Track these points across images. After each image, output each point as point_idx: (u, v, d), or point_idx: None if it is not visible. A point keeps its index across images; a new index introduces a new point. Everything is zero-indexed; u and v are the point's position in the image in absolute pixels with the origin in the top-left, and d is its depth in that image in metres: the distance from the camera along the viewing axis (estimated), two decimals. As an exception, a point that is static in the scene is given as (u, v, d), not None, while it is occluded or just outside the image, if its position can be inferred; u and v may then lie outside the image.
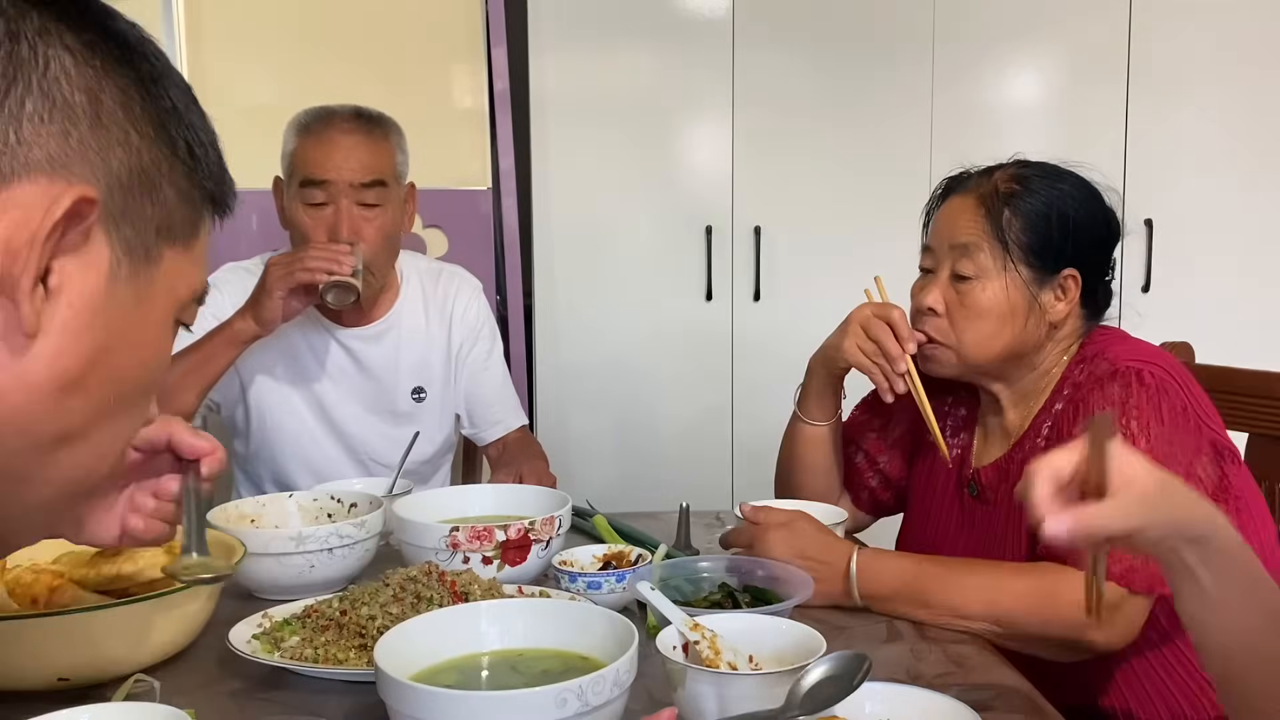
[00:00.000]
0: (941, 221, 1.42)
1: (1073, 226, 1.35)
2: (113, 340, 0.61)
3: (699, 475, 2.97)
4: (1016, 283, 1.35)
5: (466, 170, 2.70)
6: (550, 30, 2.86)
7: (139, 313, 0.63)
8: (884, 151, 2.95)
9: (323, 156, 1.72)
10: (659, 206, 2.95)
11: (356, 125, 1.76)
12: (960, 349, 1.38)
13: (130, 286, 0.61)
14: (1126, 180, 2.92)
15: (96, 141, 0.59)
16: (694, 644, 0.99)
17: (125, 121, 0.60)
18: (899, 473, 1.60)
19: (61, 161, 0.57)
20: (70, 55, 0.58)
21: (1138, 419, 1.22)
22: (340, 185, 1.72)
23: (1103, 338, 1.39)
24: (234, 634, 1.12)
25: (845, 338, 1.47)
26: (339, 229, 1.72)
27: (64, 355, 0.59)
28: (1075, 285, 1.36)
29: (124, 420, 0.66)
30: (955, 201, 1.41)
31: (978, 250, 1.35)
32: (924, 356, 1.42)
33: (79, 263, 0.58)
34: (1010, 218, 1.35)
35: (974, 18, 2.93)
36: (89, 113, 0.58)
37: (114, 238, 0.60)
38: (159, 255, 0.63)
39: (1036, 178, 1.37)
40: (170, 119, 0.63)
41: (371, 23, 2.65)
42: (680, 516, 1.54)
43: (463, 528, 1.29)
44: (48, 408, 0.59)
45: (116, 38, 0.61)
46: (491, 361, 1.99)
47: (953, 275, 1.38)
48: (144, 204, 0.61)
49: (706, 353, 3.00)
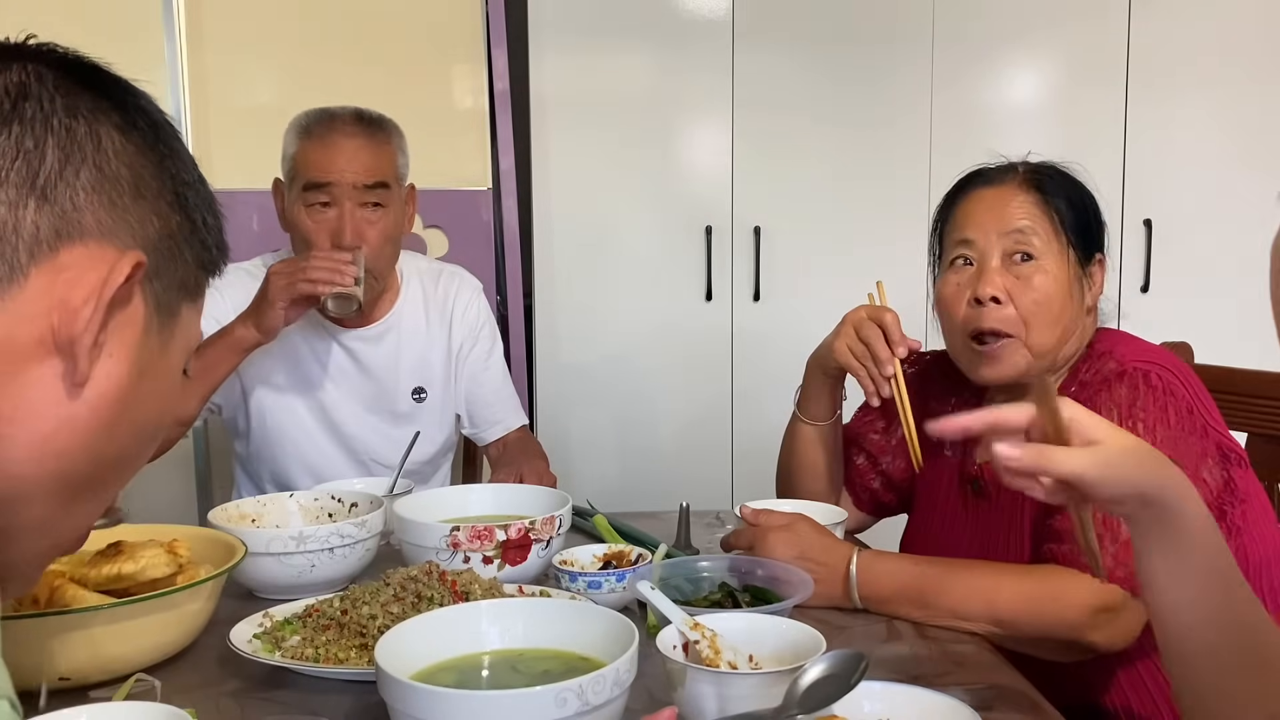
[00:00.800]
0: (980, 211, 1.38)
1: (1094, 214, 1.38)
2: (143, 388, 0.67)
3: (699, 475, 2.97)
4: (1071, 261, 1.36)
5: (466, 170, 2.70)
6: (550, 30, 2.86)
7: (163, 363, 0.69)
8: (884, 152, 2.95)
9: (326, 159, 1.72)
10: (659, 206, 2.95)
11: (358, 128, 1.76)
12: (1029, 338, 1.33)
13: (159, 339, 0.68)
14: (1126, 180, 2.92)
15: (137, 210, 0.66)
16: (694, 643, 0.99)
17: (158, 192, 0.67)
18: (902, 474, 1.59)
19: (109, 228, 0.64)
20: (118, 133, 0.65)
21: (1144, 420, 1.22)
22: (343, 187, 1.72)
23: (1109, 337, 1.39)
24: (234, 634, 1.12)
25: (837, 338, 1.47)
26: (342, 232, 1.72)
27: (106, 401, 0.65)
28: (1102, 271, 1.38)
29: (131, 468, 0.71)
30: (989, 193, 1.38)
31: (1033, 233, 1.34)
32: (993, 359, 1.35)
33: (122, 319, 0.65)
34: (1058, 203, 1.36)
35: (974, 18, 2.93)
36: (131, 184, 0.65)
37: (149, 296, 0.67)
38: (179, 311, 0.70)
39: (1057, 171, 1.40)
40: (189, 191, 0.70)
41: (371, 23, 2.65)
42: (680, 516, 1.54)
43: (463, 527, 1.29)
44: (87, 453, 0.65)
45: (146, 116, 0.68)
46: (492, 361, 1.99)
47: (1008, 260, 1.35)
48: (171, 266, 0.68)
49: (706, 353, 3.00)
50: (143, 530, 1.27)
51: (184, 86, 2.54)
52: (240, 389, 1.85)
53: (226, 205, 0.76)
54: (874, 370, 1.42)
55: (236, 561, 1.19)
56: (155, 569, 1.15)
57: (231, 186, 2.53)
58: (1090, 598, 1.18)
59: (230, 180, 2.26)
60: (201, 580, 1.13)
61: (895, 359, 1.41)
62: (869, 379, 1.43)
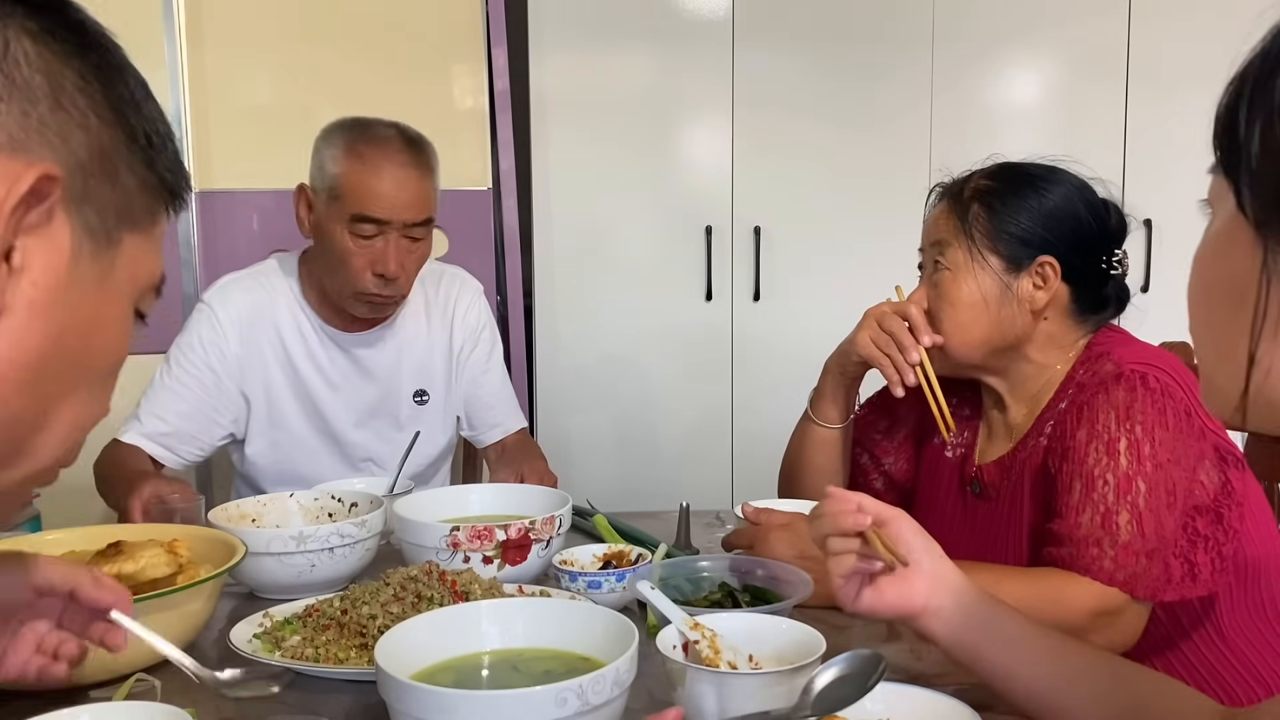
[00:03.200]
0: (926, 224, 1.47)
1: (1044, 215, 1.37)
2: (75, 321, 0.61)
3: (699, 475, 2.97)
4: (988, 272, 1.37)
5: (467, 170, 2.70)
6: (550, 30, 2.86)
7: (100, 295, 0.63)
8: (884, 151, 2.95)
9: (378, 192, 1.69)
10: (659, 206, 2.95)
11: (408, 155, 1.72)
12: (946, 343, 1.40)
13: (92, 268, 0.62)
14: (1126, 180, 2.92)
15: (56, 123, 0.59)
16: (694, 643, 0.99)
17: (85, 106, 0.61)
18: (904, 474, 1.60)
19: (20, 142, 0.57)
20: (30, 38, 0.58)
21: (1142, 424, 1.22)
22: (395, 223, 1.71)
23: (1108, 339, 1.39)
24: (235, 634, 1.13)
25: (859, 331, 1.48)
26: (387, 263, 1.71)
27: (30, 334, 0.59)
28: (1054, 272, 1.36)
29: (83, 408, 0.66)
30: (937, 205, 1.46)
31: (947, 245, 1.39)
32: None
33: (42, 243, 0.59)
34: (978, 211, 1.38)
35: (974, 18, 2.93)
36: (48, 95, 0.59)
37: (75, 219, 0.60)
38: (119, 239, 0.64)
39: (1010, 175, 1.40)
40: (129, 108, 0.63)
41: (372, 23, 2.65)
42: (680, 516, 1.54)
43: (463, 527, 1.29)
44: (12, 388, 0.60)
45: (75, 26, 0.62)
46: (491, 364, 1.99)
47: (932, 271, 1.42)
48: (104, 187, 0.62)
49: (706, 353, 3.00)
50: (143, 530, 1.28)
51: (184, 86, 2.53)
52: (244, 400, 1.84)
53: (226, 205, 0.74)
54: (898, 359, 1.43)
55: (236, 561, 1.19)
56: (155, 569, 1.15)
57: (231, 186, 2.54)
58: (1090, 600, 1.18)
59: (230, 180, 2.25)
60: (201, 580, 1.13)
61: (921, 348, 1.42)
62: (892, 368, 1.44)
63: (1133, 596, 1.19)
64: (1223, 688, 1.28)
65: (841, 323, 1.60)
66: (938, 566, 0.98)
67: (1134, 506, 1.20)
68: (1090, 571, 1.19)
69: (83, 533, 1.27)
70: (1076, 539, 1.21)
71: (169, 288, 2.59)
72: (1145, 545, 1.19)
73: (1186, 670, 1.29)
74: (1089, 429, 1.25)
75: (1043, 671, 0.93)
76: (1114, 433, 1.23)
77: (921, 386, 1.44)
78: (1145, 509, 1.19)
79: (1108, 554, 1.19)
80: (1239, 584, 1.29)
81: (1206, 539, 1.22)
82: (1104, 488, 1.21)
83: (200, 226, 2.58)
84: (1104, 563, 1.19)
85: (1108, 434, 1.23)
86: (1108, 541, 1.19)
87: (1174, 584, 1.20)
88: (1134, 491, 1.20)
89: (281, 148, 1.79)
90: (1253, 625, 1.30)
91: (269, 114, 2.63)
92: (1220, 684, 1.28)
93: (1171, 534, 1.20)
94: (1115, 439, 1.22)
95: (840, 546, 0.99)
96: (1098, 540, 1.20)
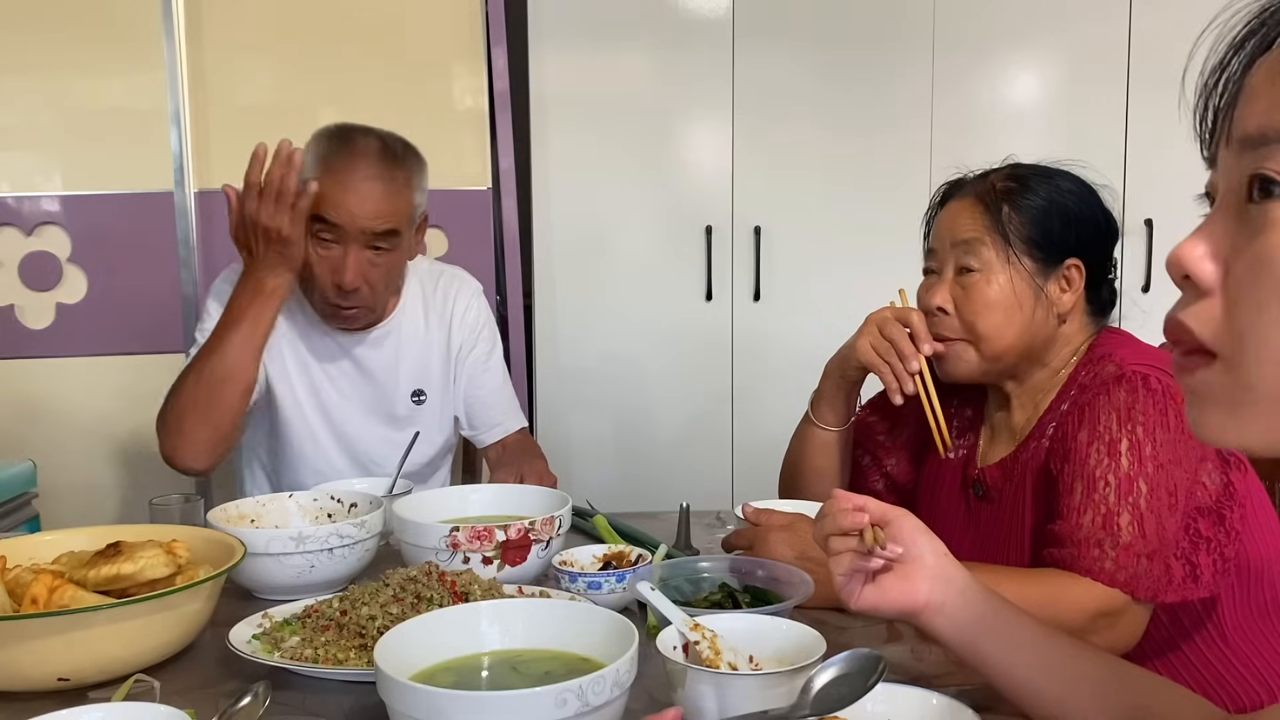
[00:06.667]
0: (943, 223, 1.44)
1: (1072, 218, 1.37)
2: None
3: (699, 475, 2.97)
4: (1021, 274, 1.36)
5: (466, 170, 2.70)
6: (550, 30, 2.86)
7: None
8: (884, 152, 2.95)
9: (337, 199, 1.69)
10: (659, 206, 2.95)
11: (379, 169, 1.72)
12: (977, 343, 1.38)
13: None
14: (1126, 180, 2.92)
15: None
16: (694, 644, 0.99)
17: None
18: (906, 476, 1.59)
19: None
20: None
21: (1144, 425, 1.22)
22: (353, 232, 1.71)
23: (1111, 340, 1.39)
24: (234, 634, 1.12)
25: (860, 336, 1.48)
26: (343, 273, 1.71)
27: None
28: (1079, 275, 1.37)
29: None
30: (954, 204, 1.43)
31: (980, 245, 1.37)
32: (943, 358, 1.42)
33: None
34: (1009, 212, 1.37)
35: (974, 19, 2.93)
36: None
37: None
38: None
39: (1032, 175, 1.40)
40: None
41: (371, 23, 2.65)
42: (680, 516, 1.54)
43: (463, 528, 1.29)
44: None
45: None
46: (491, 364, 1.99)
47: (957, 271, 1.39)
48: None
49: (706, 353, 3.00)
50: (142, 530, 1.28)
51: (183, 85, 2.53)
52: (266, 378, 1.84)
53: (226, 205, 0.73)
54: (898, 367, 1.43)
55: (236, 562, 1.19)
56: (154, 569, 1.15)
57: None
58: (1091, 602, 1.18)
59: (230, 180, 2.26)
60: (200, 581, 1.13)
61: (921, 355, 1.41)
62: (892, 376, 1.43)
63: (1134, 598, 1.19)
64: (1224, 689, 1.28)
65: (841, 323, 1.60)
66: (941, 563, 0.97)
67: (1135, 508, 1.19)
68: (1091, 573, 1.19)
69: (83, 533, 1.27)
70: (1078, 540, 1.21)
71: (169, 288, 2.62)
72: (1147, 546, 1.19)
73: (1188, 672, 1.29)
74: (1090, 430, 1.24)
75: (1044, 671, 0.93)
76: (1115, 434, 1.22)
77: (920, 397, 1.43)
78: (1147, 510, 1.19)
79: (1109, 555, 1.19)
80: (1241, 585, 1.28)
81: (1208, 540, 1.21)
82: (1105, 489, 1.21)
83: (200, 226, 2.58)
84: (1105, 564, 1.19)
85: (1109, 435, 1.23)
86: (1109, 543, 1.19)
87: (1175, 585, 1.20)
88: (1135, 493, 1.20)
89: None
90: (1255, 626, 1.30)
91: (269, 114, 2.62)
92: (1222, 685, 1.28)
93: (1173, 535, 1.20)
94: (1117, 440, 1.22)
95: (841, 546, 0.99)
96: (1099, 541, 1.20)
